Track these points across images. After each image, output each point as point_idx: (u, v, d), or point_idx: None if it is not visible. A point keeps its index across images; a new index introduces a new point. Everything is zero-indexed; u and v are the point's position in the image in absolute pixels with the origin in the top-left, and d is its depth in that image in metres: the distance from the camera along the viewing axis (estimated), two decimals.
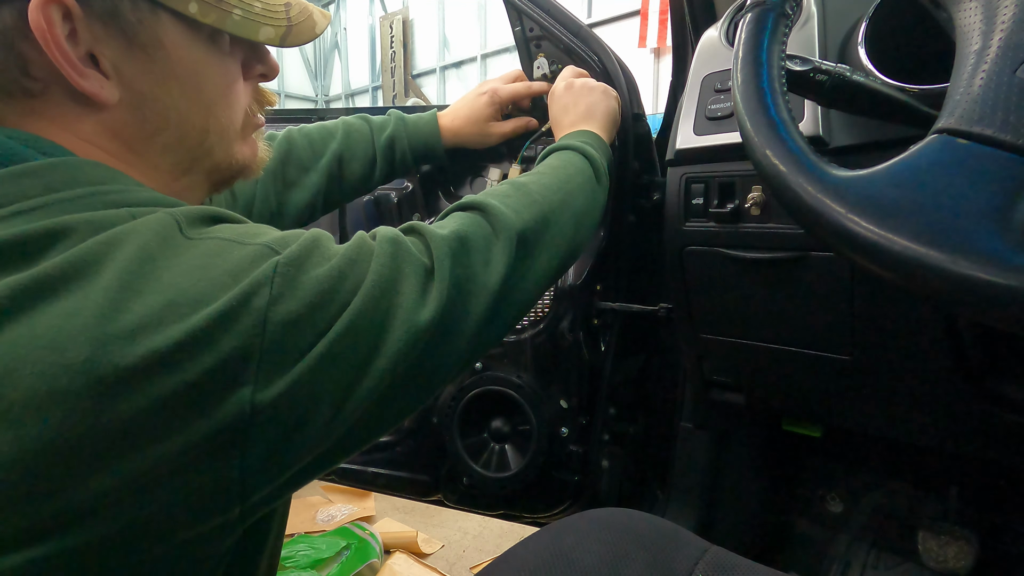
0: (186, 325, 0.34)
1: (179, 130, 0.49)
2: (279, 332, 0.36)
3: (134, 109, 0.46)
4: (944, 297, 0.36)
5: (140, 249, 0.36)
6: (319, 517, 2.16)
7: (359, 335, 0.40)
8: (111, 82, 0.45)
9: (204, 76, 0.49)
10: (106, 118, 0.45)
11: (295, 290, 0.38)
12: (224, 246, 0.39)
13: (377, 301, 0.42)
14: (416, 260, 0.47)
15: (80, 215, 0.37)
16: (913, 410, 0.72)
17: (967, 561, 0.86)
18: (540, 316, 1.13)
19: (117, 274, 0.34)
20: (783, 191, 0.43)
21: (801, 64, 0.53)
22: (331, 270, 0.41)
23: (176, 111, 0.48)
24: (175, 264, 0.36)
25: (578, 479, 1.06)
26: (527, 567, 0.52)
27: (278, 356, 0.36)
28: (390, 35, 10.61)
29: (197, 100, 0.49)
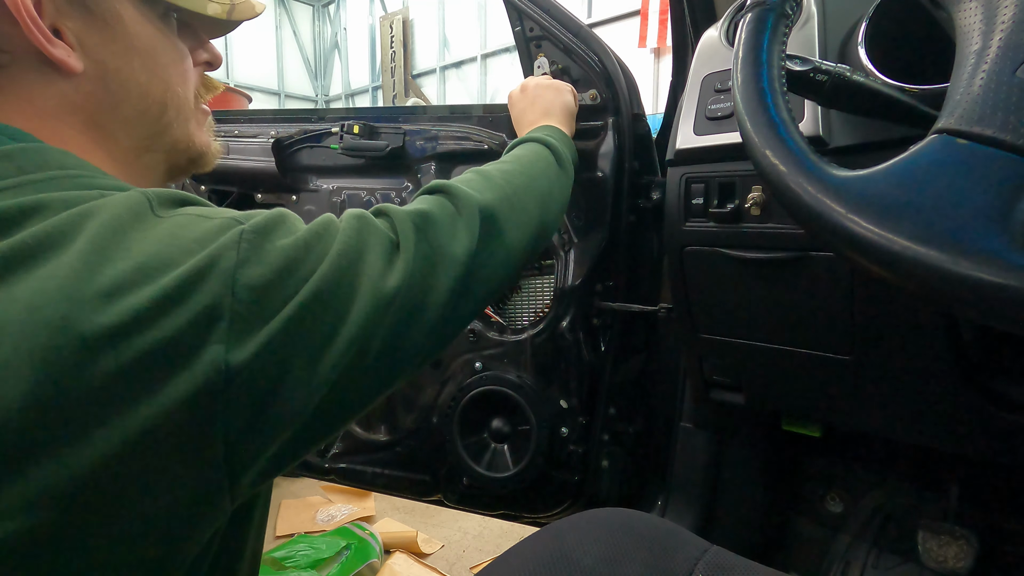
0: (157, 285, 0.35)
1: (140, 103, 0.51)
2: (247, 294, 0.38)
3: (97, 80, 0.48)
4: (944, 297, 0.36)
5: (113, 219, 0.38)
6: (319, 517, 2.16)
7: (326, 301, 0.41)
8: (76, 52, 0.47)
9: (160, 51, 0.52)
10: (70, 90, 0.47)
11: (261, 256, 0.39)
12: (192, 219, 0.40)
13: (343, 270, 0.43)
14: (382, 234, 0.49)
15: (53, 194, 0.39)
16: (913, 410, 0.72)
17: (967, 561, 0.86)
18: (540, 316, 1.13)
19: (90, 241, 0.36)
20: (783, 191, 0.43)
21: (801, 64, 0.53)
22: (297, 240, 0.42)
23: (137, 83, 0.51)
24: (145, 236, 0.38)
25: (578, 479, 1.06)
26: (527, 567, 0.52)
27: (248, 317, 0.37)
28: (390, 35, 10.61)
29: (155, 73, 0.52)
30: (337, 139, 1.17)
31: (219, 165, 1.31)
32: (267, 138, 1.24)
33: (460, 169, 1.14)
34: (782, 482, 1.06)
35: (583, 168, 1.02)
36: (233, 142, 1.29)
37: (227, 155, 1.29)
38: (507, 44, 8.97)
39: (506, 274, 0.61)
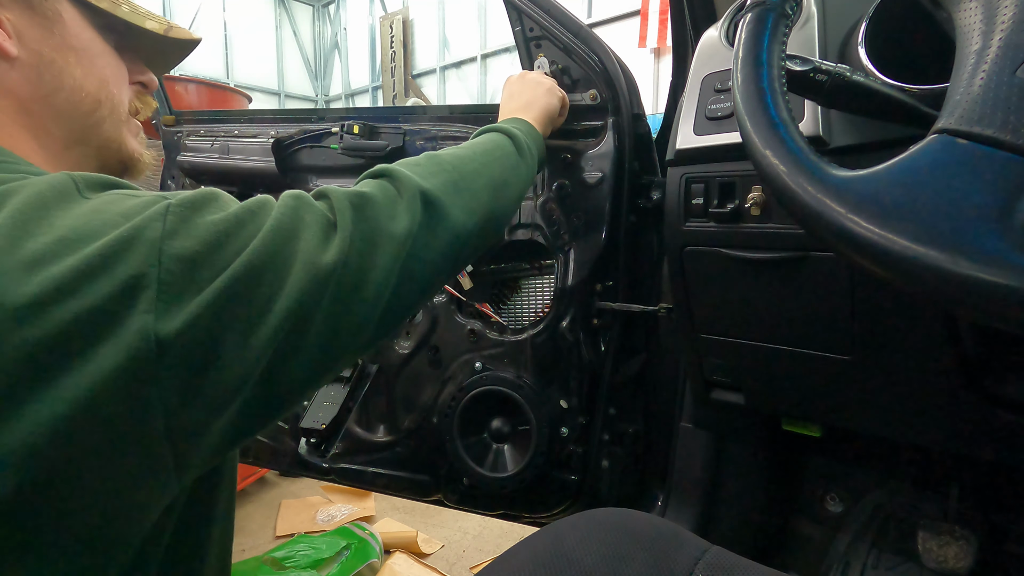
0: (80, 255, 0.36)
1: (73, 95, 0.54)
2: (174, 264, 0.38)
3: (31, 68, 0.51)
4: (944, 297, 0.36)
5: (36, 196, 0.38)
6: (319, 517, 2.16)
7: (260, 275, 0.41)
8: (12, 40, 0.50)
9: (97, 53, 0.56)
10: (2, 74, 0.50)
11: (190, 229, 0.39)
12: (118, 197, 0.41)
13: (278, 245, 0.43)
14: (318, 212, 0.48)
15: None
16: (913, 410, 0.72)
17: (967, 561, 0.86)
18: (540, 316, 1.13)
19: (11, 216, 0.36)
20: (783, 191, 0.43)
21: (801, 64, 0.53)
22: (228, 216, 0.42)
23: (71, 77, 0.54)
24: (69, 212, 0.38)
25: (578, 479, 1.06)
26: (527, 567, 0.52)
27: (176, 288, 0.37)
28: (390, 35, 10.60)
29: (91, 71, 0.55)
30: (337, 139, 1.17)
31: (219, 165, 1.32)
32: (267, 138, 1.24)
33: None
34: (782, 482, 1.06)
35: (583, 168, 1.02)
36: (233, 142, 1.29)
37: (227, 155, 1.29)
38: (507, 44, 8.97)
39: (454, 258, 0.60)
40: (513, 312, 1.18)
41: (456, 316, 1.13)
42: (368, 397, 1.21)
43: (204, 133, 1.32)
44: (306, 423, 1.17)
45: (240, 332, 0.40)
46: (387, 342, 1.19)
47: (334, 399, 1.17)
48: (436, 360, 1.16)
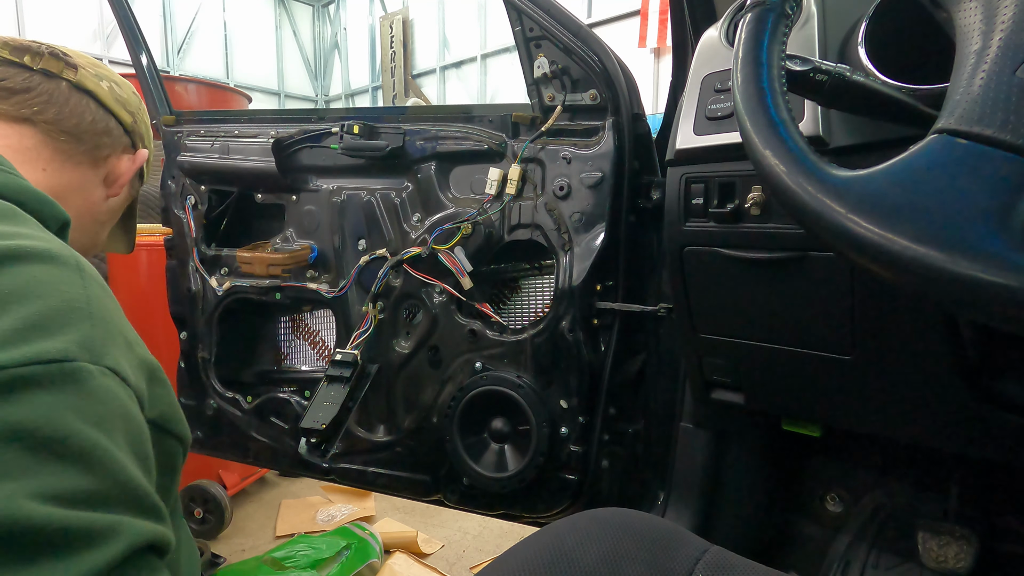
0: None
1: (104, 230, 0.78)
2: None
3: (113, 207, 0.78)
4: (944, 297, 0.36)
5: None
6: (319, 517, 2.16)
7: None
8: (120, 189, 0.76)
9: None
10: (99, 201, 0.75)
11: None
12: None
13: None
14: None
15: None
16: (913, 410, 0.72)
17: (967, 561, 0.85)
18: (540, 316, 1.13)
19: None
20: (783, 191, 0.43)
21: (801, 64, 0.53)
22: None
23: (111, 212, 0.78)
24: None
25: (578, 479, 1.06)
26: (527, 567, 0.52)
27: None
28: (390, 35, 10.60)
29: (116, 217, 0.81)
30: (337, 139, 1.17)
31: (219, 165, 1.32)
32: (267, 138, 1.24)
33: (460, 169, 1.14)
34: (782, 482, 1.06)
35: (583, 168, 1.02)
36: (233, 142, 1.29)
37: (227, 155, 1.29)
38: (507, 44, 8.96)
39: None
40: (513, 312, 1.18)
41: (456, 316, 1.13)
42: (368, 397, 1.21)
43: (204, 133, 1.32)
44: (306, 423, 1.17)
45: None
46: (387, 342, 1.19)
47: (334, 399, 1.17)
48: (436, 360, 1.16)
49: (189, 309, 1.37)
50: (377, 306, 1.18)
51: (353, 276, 1.19)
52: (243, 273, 1.30)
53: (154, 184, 1.43)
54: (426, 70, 10.44)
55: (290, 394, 1.32)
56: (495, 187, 1.07)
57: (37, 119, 0.64)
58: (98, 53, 8.69)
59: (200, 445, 1.40)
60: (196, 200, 1.35)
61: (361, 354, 1.18)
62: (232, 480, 2.17)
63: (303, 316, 1.40)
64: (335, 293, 1.22)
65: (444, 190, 1.14)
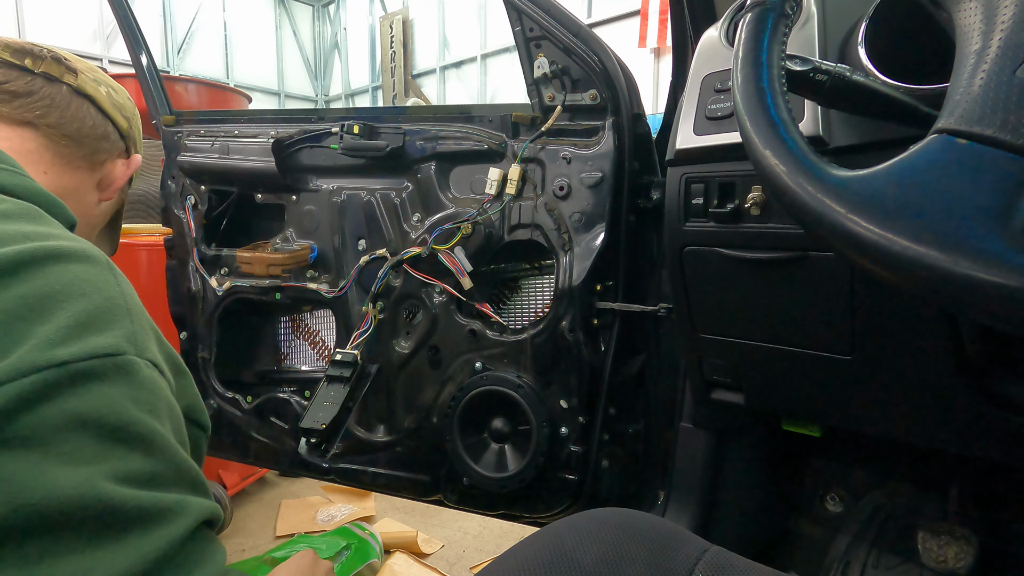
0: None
1: (99, 223, 0.79)
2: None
3: (107, 207, 0.79)
4: (944, 297, 0.36)
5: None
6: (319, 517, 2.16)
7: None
8: (114, 193, 0.77)
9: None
10: (94, 207, 0.76)
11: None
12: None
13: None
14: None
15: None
16: (913, 410, 0.72)
17: (967, 561, 0.85)
18: (540, 316, 1.13)
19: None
20: (783, 191, 0.43)
21: (801, 64, 0.53)
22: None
23: (104, 215, 0.79)
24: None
25: (578, 479, 1.06)
26: (527, 567, 0.52)
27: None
28: (390, 35, 10.59)
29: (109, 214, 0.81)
30: (337, 139, 1.17)
31: (219, 165, 1.32)
32: (267, 138, 1.24)
33: (460, 169, 1.14)
34: (782, 482, 1.06)
35: (583, 168, 1.02)
36: (233, 142, 1.29)
37: (227, 155, 1.29)
38: (507, 44, 8.96)
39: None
40: (513, 312, 1.18)
41: (456, 316, 1.13)
42: (368, 397, 1.21)
43: (204, 133, 1.32)
44: (306, 423, 1.17)
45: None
46: (387, 342, 1.19)
47: (334, 399, 1.17)
48: (436, 360, 1.16)
49: (189, 309, 1.37)
50: (377, 306, 1.18)
51: (353, 276, 1.19)
52: (243, 273, 1.30)
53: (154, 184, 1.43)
54: (426, 70, 10.44)
55: (290, 394, 1.32)
56: (495, 187, 1.07)
57: (39, 123, 0.65)
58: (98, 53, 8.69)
59: None
60: (196, 200, 1.35)
61: (361, 354, 1.18)
62: (232, 480, 2.17)
63: (303, 316, 1.40)
64: (335, 293, 1.22)
65: (444, 190, 1.14)
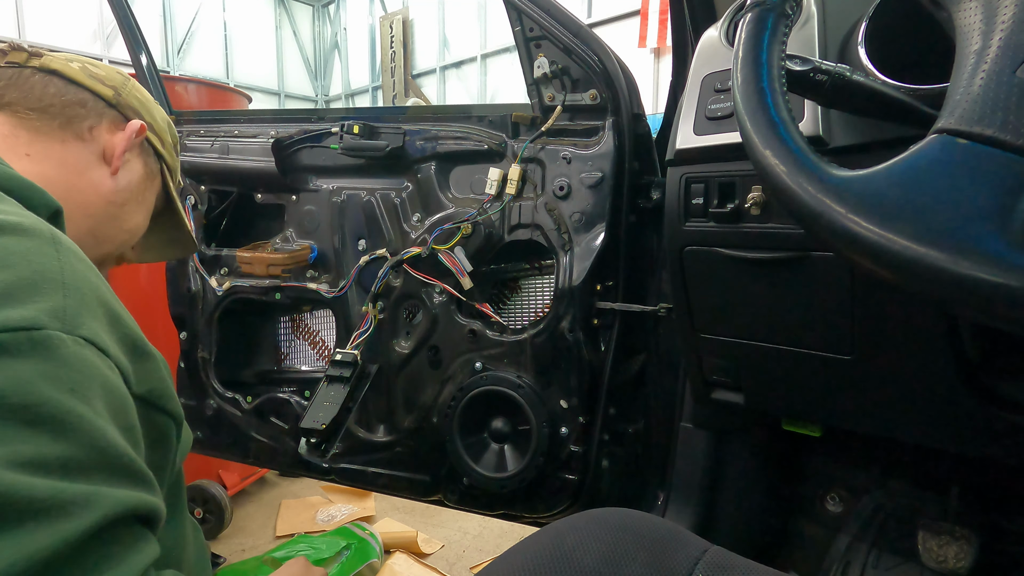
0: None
1: (122, 226, 0.72)
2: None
3: (118, 189, 0.70)
4: (944, 297, 0.36)
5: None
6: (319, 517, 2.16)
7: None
8: (121, 167, 0.70)
9: (148, 215, 0.76)
10: (101, 177, 0.69)
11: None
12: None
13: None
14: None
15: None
16: (913, 410, 0.72)
17: (967, 561, 0.85)
18: (540, 316, 1.13)
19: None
20: (783, 191, 0.43)
21: (801, 64, 0.53)
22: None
23: (129, 215, 0.72)
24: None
25: (578, 479, 1.06)
26: (527, 567, 0.52)
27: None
28: (390, 35, 10.59)
29: (140, 224, 0.75)
30: (337, 139, 1.17)
31: (219, 165, 1.32)
32: (267, 138, 1.24)
33: (460, 169, 1.14)
34: (782, 482, 1.06)
35: (583, 168, 1.02)
36: (233, 142, 1.29)
37: (227, 155, 1.29)
38: (507, 44, 8.96)
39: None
40: (513, 312, 1.18)
41: (456, 316, 1.13)
42: (368, 397, 1.21)
43: (204, 133, 1.32)
44: (306, 423, 1.17)
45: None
46: (387, 342, 1.19)
47: (334, 399, 1.17)
48: (436, 360, 1.16)
49: (189, 309, 1.37)
50: (377, 306, 1.18)
51: (353, 276, 1.19)
52: (243, 273, 1.30)
53: None
54: (426, 70, 10.44)
55: (290, 394, 1.32)
56: (495, 187, 1.07)
57: (1, 103, 0.63)
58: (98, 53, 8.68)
59: (200, 445, 1.40)
60: (196, 200, 1.35)
61: (361, 354, 1.18)
62: (232, 480, 2.17)
63: (303, 316, 1.40)
64: (335, 293, 1.22)
65: (444, 190, 1.14)
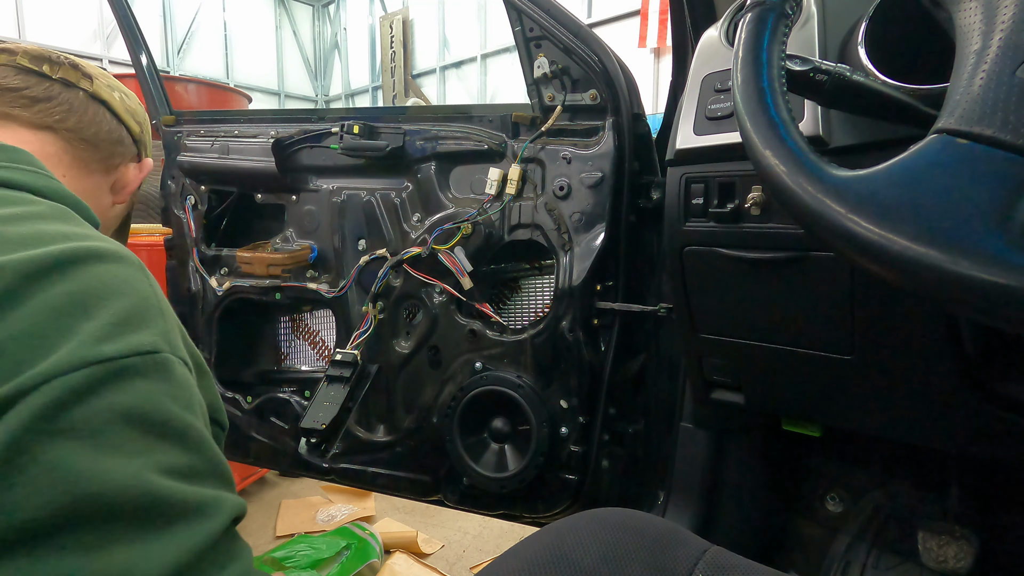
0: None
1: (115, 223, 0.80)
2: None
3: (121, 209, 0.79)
4: (944, 297, 0.36)
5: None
6: (319, 517, 2.16)
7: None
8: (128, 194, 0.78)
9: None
10: (109, 208, 0.77)
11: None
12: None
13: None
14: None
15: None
16: (913, 410, 0.72)
17: (967, 561, 0.85)
18: (540, 316, 1.13)
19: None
20: (783, 191, 0.43)
21: (801, 64, 0.53)
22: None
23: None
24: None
25: (578, 479, 1.06)
26: (527, 567, 0.52)
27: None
28: (390, 35, 10.59)
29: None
30: (337, 139, 1.17)
31: (219, 165, 1.32)
32: (267, 138, 1.24)
33: (460, 169, 1.14)
34: (782, 482, 1.05)
35: (583, 168, 1.02)
36: (233, 142, 1.29)
37: (227, 155, 1.29)
38: (507, 44, 8.96)
39: None
40: (513, 312, 1.18)
41: (456, 316, 1.13)
42: (368, 397, 1.21)
43: (204, 133, 1.32)
44: (306, 423, 1.17)
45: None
46: (387, 342, 1.19)
47: (334, 399, 1.17)
48: (436, 360, 1.16)
49: (189, 309, 1.37)
50: (377, 306, 1.18)
51: (353, 276, 1.19)
52: (243, 273, 1.30)
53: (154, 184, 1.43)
54: (426, 70, 10.44)
55: (290, 394, 1.32)
56: (495, 187, 1.07)
57: (59, 127, 0.66)
58: (98, 53, 8.69)
59: None
60: (196, 200, 1.35)
61: (361, 354, 1.18)
62: None
63: (303, 316, 1.40)
64: (335, 293, 1.22)
65: (444, 190, 1.14)
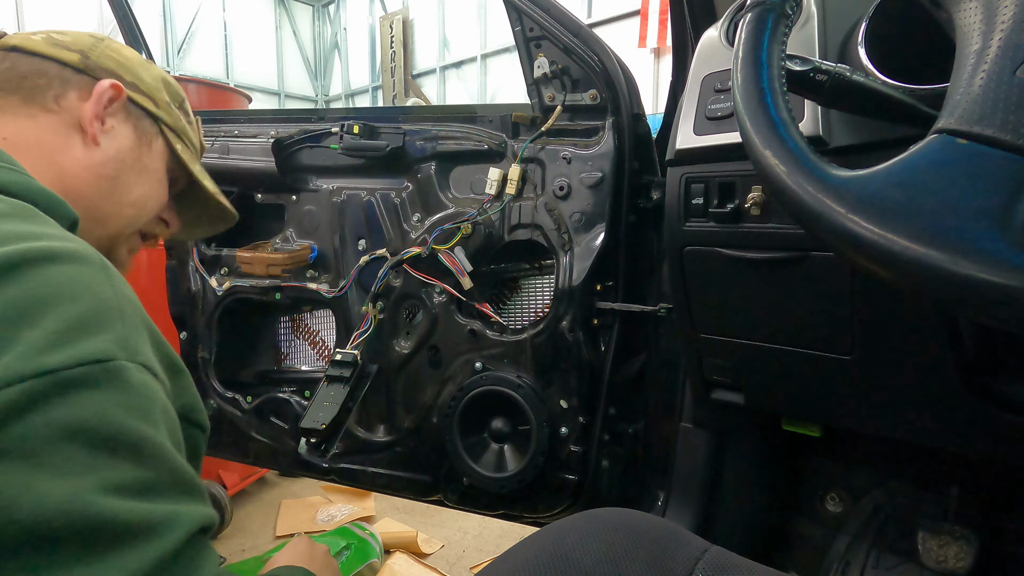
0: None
1: (121, 199, 0.67)
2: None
3: (108, 160, 0.66)
4: (944, 297, 0.36)
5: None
6: (319, 517, 2.16)
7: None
8: (103, 136, 0.65)
9: (156, 184, 0.72)
10: (87, 153, 0.65)
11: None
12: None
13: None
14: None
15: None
16: (913, 410, 0.72)
17: (967, 561, 0.85)
18: (540, 316, 1.13)
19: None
20: (783, 191, 0.43)
21: (801, 64, 0.53)
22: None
23: (128, 186, 0.68)
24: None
25: (578, 479, 1.06)
26: (527, 567, 0.52)
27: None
28: (390, 35, 10.60)
29: (144, 194, 0.70)
30: (337, 139, 1.17)
31: (219, 165, 1.32)
32: (267, 138, 1.24)
33: (460, 169, 1.14)
34: (782, 482, 1.05)
35: (583, 168, 1.02)
36: (233, 142, 1.29)
37: (227, 155, 1.29)
38: (507, 44, 8.96)
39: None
40: (513, 312, 1.18)
41: (456, 316, 1.13)
42: (368, 397, 1.21)
43: (204, 133, 1.32)
44: (306, 423, 1.17)
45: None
46: (387, 342, 1.19)
47: (334, 399, 1.17)
48: (436, 360, 1.16)
49: (189, 309, 1.37)
50: (377, 306, 1.18)
51: (353, 276, 1.19)
52: (243, 273, 1.30)
53: None
54: (426, 70, 10.44)
55: (290, 394, 1.32)
56: (495, 187, 1.07)
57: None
58: None
59: None
60: None
61: (361, 354, 1.18)
62: (232, 480, 2.17)
63: (303, 316, 1.40)
64: (335, 293, 1.22)
65: (444, 190, 1.14)
